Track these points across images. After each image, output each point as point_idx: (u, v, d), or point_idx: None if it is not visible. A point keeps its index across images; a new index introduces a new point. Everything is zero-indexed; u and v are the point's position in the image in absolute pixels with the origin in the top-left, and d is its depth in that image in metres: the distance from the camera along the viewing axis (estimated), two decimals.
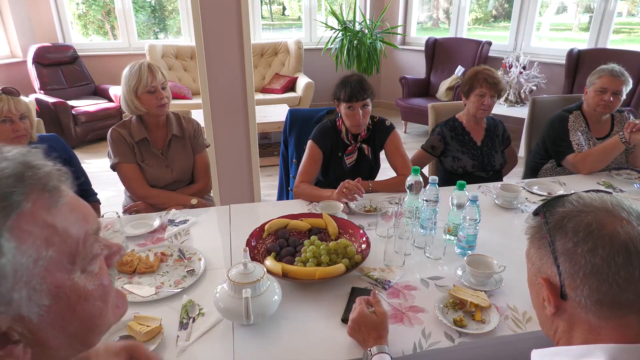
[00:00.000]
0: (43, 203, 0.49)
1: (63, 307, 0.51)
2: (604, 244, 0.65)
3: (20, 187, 0.47)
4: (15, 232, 0.46)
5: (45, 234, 0.49)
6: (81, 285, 0.53)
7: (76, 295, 0.52)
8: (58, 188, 0.52)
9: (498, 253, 1.44)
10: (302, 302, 1.28)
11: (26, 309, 0.48)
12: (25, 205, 0.48)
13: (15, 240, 0.46)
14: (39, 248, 0.48)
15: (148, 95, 1.92)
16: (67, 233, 0.51)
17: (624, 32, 5.36)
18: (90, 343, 0.57)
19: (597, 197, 0.71)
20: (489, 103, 2.18)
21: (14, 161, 0.49)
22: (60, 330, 0.51)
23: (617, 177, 2.15)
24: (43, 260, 0.48)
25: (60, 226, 0.50)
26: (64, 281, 0.50)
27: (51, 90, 4.79)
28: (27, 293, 0.47)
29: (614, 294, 0.65)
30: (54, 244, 0.49)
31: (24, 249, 0.47)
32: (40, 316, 0.49)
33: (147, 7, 5.90)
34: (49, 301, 0.49)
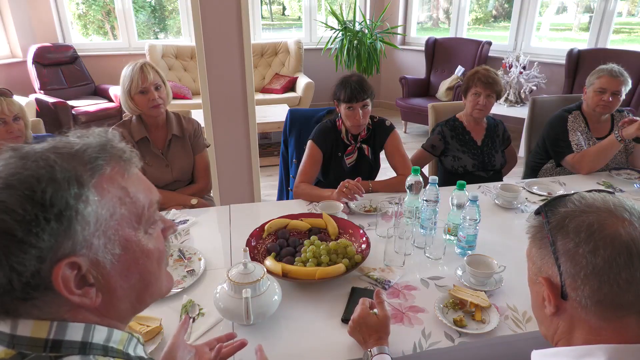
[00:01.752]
0: (119, 170, 0.61)
1: (129, 258, 0.61)
2: (605, 245, 0.65)
3: (103, 154, 0.59)
4: (98, 189, 0.57)
5: (119, 194, 0.60)
6: (144, 243, 0.62)
7: (140, 250, 0.62)
8: (130, 160, 0.64)
9: (498, 253, 1.45)
10: (302, 302, 1.28)
11: (102, 254, 0.57)
12: (106, 169, 0.59)
13: (98, 195, 0.57)
14: (114, 204, 0.59)
15: (140, 96, 1.93)
16: (136, 197, 0.62)
17: (624, 32, 5.36)
18: (144, 301, 0.66)
19: (599, 197, 0.71)
20: (484, 102, 2.18)
21: (99, 136, 0.62)
22: (125, 280, 0.61)
23: (617, 177, 2.15)
24: (117, 215, 0.59)
25: (131, 190, 0.61)
26: (131, 236, 0.61)
27: (51, 90, 4.79)
28: (104, 240, 0.57)
29: (615, 295, 0.64)
30: (125, 204, 0.60)
31: (103, 203, 0.57)
32: (112, 264, 0.58)
33: (147, 7, 5.89)
34: (119, 251, 0.59)
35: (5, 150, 0.56)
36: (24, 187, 0.52)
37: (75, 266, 0.55)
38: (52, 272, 0.53)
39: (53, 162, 0.54)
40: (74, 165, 0.56)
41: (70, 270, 0.55)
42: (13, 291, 0.53)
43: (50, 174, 0.53)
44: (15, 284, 0.52)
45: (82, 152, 0.58)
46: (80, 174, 0.56)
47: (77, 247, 0.55)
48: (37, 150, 0.56)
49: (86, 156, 0.57)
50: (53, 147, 0.57)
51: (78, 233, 0.54)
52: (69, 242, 0.54)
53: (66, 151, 0.57)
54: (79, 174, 0.55)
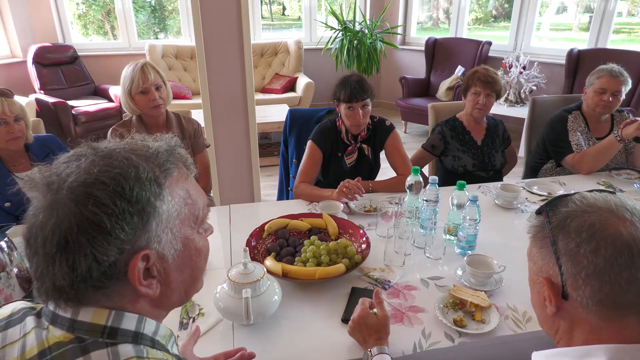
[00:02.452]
0: (183, 173, 0.67)
1: (186, 254, 0.65)
2: (606, 245, 0.64)
3: (171, 159, 0.65)
4: (170, 189, 0.63)
5: (184, 196, 0.65)
6: (197, 241, 0.68)
7: (194, 247, 0.67)
8: (190, 166, 0.70)
9: (498, 253, 1.45)
10: (302, 302, 1.28)
11: (168, 249, 0.62)
12: (174, 172, 0.65)
13: (170, 194, 0.62)
14: (180, 204, 0.64)
15: (141, 96, 1.93)
16: (195, 199, 0.67)
17: (624, 32, 5.36)
18: (189, 295, 0.71)
19: (600, 197, 0.70)
20: (484, 102, 2.18)
21: (165, 142, 0.67)
22: (180, 274, 0.66)
23: (617, 177, 2.15)
24: (182, 215, 0.64)
25: (192, 192, 0.67)
26: (190, 234, 0.66)
27: (51, 90, 4.78)
28: (170, 237, 0.62)
29: (616, 295, 0.64)
30: (188, 205, 0.66)
31: (174, 203, 0.63)
32: (173, 258, 0.63)
33: (147, 7, 5.89)
34: (180, 247, 0.64)
35: (82, 147, 0.61)
36: (115, 184, 0.57)
37: (146, 258, 0.60)
38: (129, 263, 0.58)
39: (137, 162, 0.60)
40: (151, 166, 0.61)
41: (142, 262, 0.59)
42: (90, 279, 0.57)
43: (136, 174, 0.58)
44: (93, 272, 0.56)
45: (156, 155, 0.63)
46: (158, 174, 0.61)
47: (150, 241, 0.60)
48: (119, 151, 0.61)
49: (159, 159, 0.63)
50: (132, 149, 0.62)
51: (153, 228, 0.59)
52: (145, 235, 0.59)
53: (143, 153, 0.62)
54: (157, 174, 0.61)
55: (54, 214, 0.55)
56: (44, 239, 0.55)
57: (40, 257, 0.56)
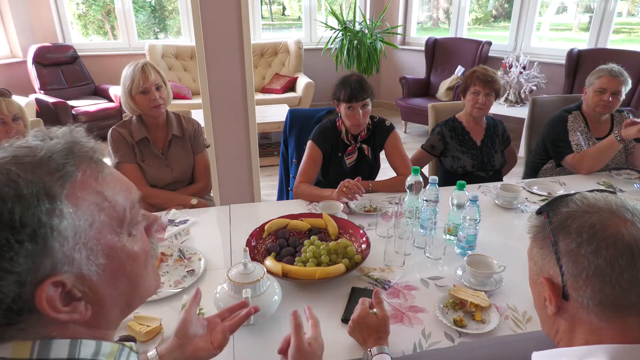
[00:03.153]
0: (91, 173, 0.56)
1: (116, 266, 0.57)
2: (607, 246, 0.64)
3: (71, 159, 0.54)
4: (72, 199, 0.52)
5: (96, 200, 0.55)
6: (129, 247, 0.59)
7: (126, 255, 0.58)
8: (101, 160, 0.58)
9: (498, 253, 1.45)
10: (302, 302, 1.28)
11: (86, 267, 0.54)
12: (77, 175, 0.54)
13: (73, 205, 0.52)
14: (92, 212, 0.54)
15: (141, 96, 1.93)
16: (114, 200, 0.57)
17: (624, 32, 5.36)
18: (133, 305, 0.63)
19: (601, 198, 0.70)
20: (484, 101, 2.18)
21: (63, 138, 0.56)
22: (114, 288, 0.58)
23: (617, 177, 2.15)
24: (97, 223, 0.55)
25: (108, 194, 0.57)
26: (114, 242, 0.57)
27: (51, 90, 4.79)
28: (86, 253, 0.53)
29: (617, 295, 0.64)
30: (104, 209, 0.56)
31: (80, 214, 0.53)
32: (98, 274, 0.55)
33: (147, 7, 5.89)
34: (104, 260, 0.55)
35: None
36: None
37: (59, 284, 0.52)
38: (34, 295, 0.50)
39: (16, 175, 0.49)
40: (40, 176, 0.50)
41: (54, 289, 0.51)
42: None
43: (16, 191, 0.48)
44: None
45: (48, 160, 0.52)
46: (50, 185, 0.50)
47: (58, 265, 0.51)
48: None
49: (53, 163, 0.52)
50: (13, 156, 0.51)
51: (56, 250, 0.50)
52: (48, 261, 0.50)
53: (29, 160, 0.51)
54: (48, 185, 0.50)
55: None
56: None
57: None
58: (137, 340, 1.11)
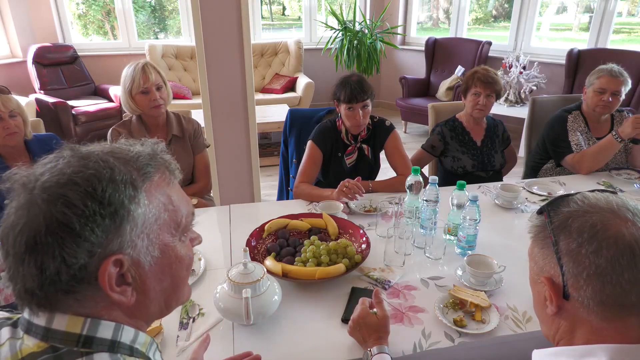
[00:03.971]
0: (165, 178, 0.65)
1: (165, 262, 0.64)
2: (608, 245, 0.64)
3: (152, 163, 0.63)
4: (148, 193, 0.61)
5: (164, 201, 0.63)
6: (178, 249, 0.66)
7: (174, 255, 0.65)
8: (174, 171, 0.68)
9: (498, 253, 1.45)
10: (302, 302, 1.28)
11: (143, 255, 0.60)
12: (155, 176, 0.63)
13: (147, 198, 0.61)
14: (159, 210, 0.62)
15: (142, 96, 1.93)
16: (177, 206, 0.66)
17: (624, 32, 5.36)
18: (170, 306, 0.69)
19: (602, 197, 0.70)
20: (484, 102, 2.18)
21: (148, 147, 0.66)
22: (159, 283, 0.64)
23: (617, 177, 2.15)
24: (160, 220, 0.62)
25: (174, 198, 0.65)
26: (169, 241, 0.64)
27: (51, 90, 4.78)
28: (147, 242, 0.60)
29: (618, 295, 0.64)
30: (168, 211, 0.64)
31: (151, 207, 0.61)
32: (150, 265, 0.62)
33: (147, 7, 5.89)
34: (158, 254, 0.62)
35: (63, 149, 0.61)
36: (87, 185, 0.56)
37: (119, 264, 0.58)
38: (99, 267, 0.56)
39: (113, 164, 0.59)
40: (129, 169, 0.60)
41: (114, 267, 0.57)
42: (59, 282, 0.55)
43: (111, 175, 0.57)
44: (62, 275, 0.55)
45: (136, 159, 0.62)
46: (135, 177, 0.60)
47: (124, 246, 0.58)
48: (97, 153, 0.60)
49: (139, 163, 0.62)
50: (111, 151, 0.62)
51: (127, 232, 0.58)
52: (117, 240, 0.57)
53: (123, 156, 0.61)
54: (134, 177, 0.60)
55: (25, 214, 0.55)
56: (14, 238, 0.55)
57: (11, 257, 0.56)
58: None
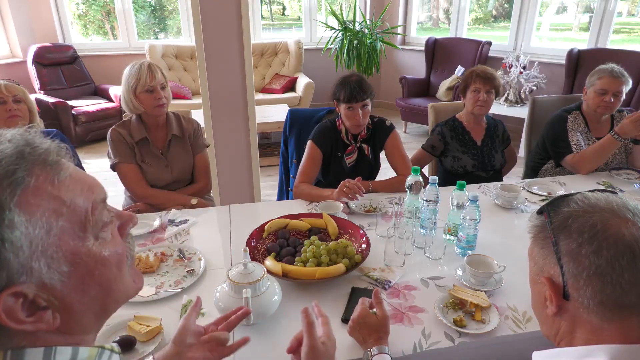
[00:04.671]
0: (46, 177, 0.52)
1: (82, 272, 0.54)
2: (608, 246, 0.64)
3: (22, 164, 0.50)
4: (24, 207, 0.49)
5: (53, 206, 0.52)
6: (96, 251, 0.56)
7: (93, 260, 0.55)
8: (58, 162, 0.54)
9: (498, 253, 1.44)
10: (302, 302, 1.28)
11: (47, 276, 0.51)
12: (29, 181, 0.50)
13: (25, 214, 0.49)
14: (49, 219, 0.51)
15: (146, 95, 1.92)
16: (74, 203, 0.54)
17: (624, 32, 5.36)
18: (109, 309, 0.61)
19: (602, 197, 0.70)
20: (485, 98, 2.18)
21: (14, 141, 0.52)
22: (83, 295, 0.55)
23: (617, 177, 2.15)
24: (55, 229, 0.52)
25: (66, 197, 0.53)
26: (78, 248, 0.54)
27: (51, 90, 4.79)
28: (45, 261, 0.51)
29: (617, 296, 0.64)
30: (63, 214, 0.52)
31: (34, 221, 0.50)
32: (62, 282, 0.53)
33: (147, 7, 5.90)
34: (68, 267, 0.53)
35: None
36: None
37: (19, 295, 0.50)
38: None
39: None
40: None
41: (13, 299, 0.49)
42: None
43: None
44: None
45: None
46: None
47: (14, 276, 0.49)
48: None
49: (1, 170, 0.49)
50: None
51: (11, 261, 0.48)
52: (2, 273, 0.48)
53: None
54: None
55: None
56: None
57: None
58: (137, 340, 1.11)
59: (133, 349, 1.09)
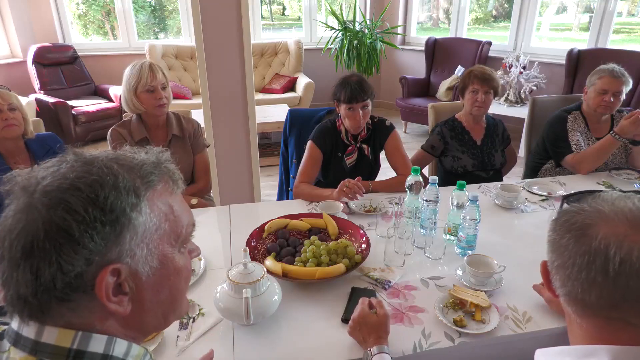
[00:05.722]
0: (167, 188, 0.64)
1: (163, 273, 0.62)
2: (577, 243, 0.67)
3: (156, 171, 0.62)
4: (150, 202, 0.60)
5: (166, 211, 0.62)
6: (177, 261, 0.64)
7: (173, 267, 0.63)
8: (178, 181, 0.67)
9: (498, 253, 1.44)
10: (302, 302, 1.28)
11: (142, 265, 0.59)
12: (158, 185, 0.62)
13: (149, 207, 0.59)
14: (160, 219, 0.61)
15: (147, 95, 1.92)
16: (179, 216, 0.64)
17: (624, 32, 5.36)
18: (168, 319, 0.67)
19: (610, 199, 0.69)
20: (483, 99, 2.18)
21: (153, 155, 0.65)
22: (155, 294, 0.62)
23: (617, 177, 2.15)
24: (161, 230, 0.61)
25: (175, 208, 0.64)
26: (168, 252, 0.62)
27: (51, 90, 4.79)
28: (146, 252, 0.59)
29: (578, 292, 0.67)
30: (169, 221, 0.62)
31: (152, 216, 0.60)
32: (147, 276, 0.60)
33: (147, 7, 5.90)
34: (157, 264, 0.61)
35: (67, 153, 0.59)
36: (89, 191, 0.54)
37: (116, 273, 0.56)
38: (96, 276, 0.55)
39: (116, 171, 0.57)
40: (133, 177, 0.59)
41: (112, 276, 0.56)
42: (53, 290, 0.53)
43: (114, 182, 0.56)
44: (58, 283, 0.53)
45: (140, 167, 0.61)
46: (138, 185, 0.59)
47: (122, 255, 0.56)
48: (101, 159, 0.59)
49: (143, 171, 0.61)
50: (115, 157, 0.60)
51: (126, 241, 0.56)
52: (117, 248, 0.56)
53: (127, 163, 0.60)
54: (137, 185, 0.58)
55: (24, 218, 0.53)
56: (11, 242, 0.53)
57: (6, 262, 0.54)
58: None
59: None
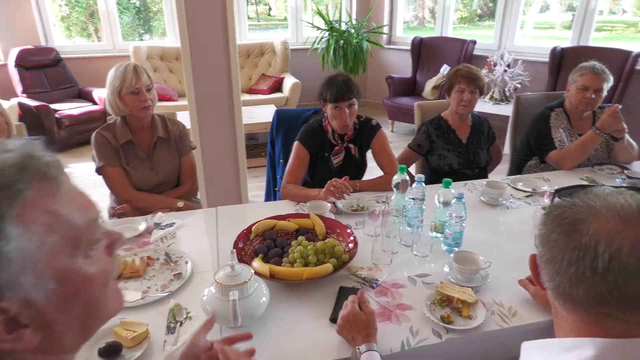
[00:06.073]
0: (45, 191, 0.51)
1: (68, 290, 0.52)
2: (567, 238, 0.67)
3: (23, 175, 0.49)
4: (20, 219, 0.48)
5: (48, 221, 0.50)
6: (84, 270, 0.54)
7: (80, 279, 0.54)
8: (58, 176, 0.53)
9: (484, 249, 1.46)
10: (290, 303, 1.28)
11: (34, 293, 0.49)
12: (28, 193, 0.49)
13: (20, 226, 0.48)
14: (43, 234, 0.50)
15: (131, 97, 1.90)
16: (69, 220, 0.53)
17: (605, 29, 5.45)
18: (91, 329, 0.59)
19: (603, 195, 0.69)
20: (469, 98, 2.20)
21: (16, 152, 0.51)
22: (66, 313, 0.53)
23: (599, 173, 2.18)
24: (47, 245, 0.50)
25: (62, 213, 0.52)
26: (68, 265, 0.52)
27: (34, 93, 4.71)
28: (34, 277, 0.49)
29: (565, 287, 0.67)
30: (57, 230, 0.51)
31: (28, 235, 0.48)
32: (47, 300, 0.50)
33: (132, 8, 5.83)
34: (54, 285, 0.51)
35: None
36: None
37: (2, 311, 0.48)
38: None
39: None
40: None
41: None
42: None
43: None
44: None
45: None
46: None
47: (0, 291, 0.47)
48: None
49: (3, 180, 0.48)
50: None
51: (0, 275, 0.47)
52: None
53: None
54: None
55: None
56: None
57: None
58: (123, 346, 1.10)
59: (119, 355, 1.08)
